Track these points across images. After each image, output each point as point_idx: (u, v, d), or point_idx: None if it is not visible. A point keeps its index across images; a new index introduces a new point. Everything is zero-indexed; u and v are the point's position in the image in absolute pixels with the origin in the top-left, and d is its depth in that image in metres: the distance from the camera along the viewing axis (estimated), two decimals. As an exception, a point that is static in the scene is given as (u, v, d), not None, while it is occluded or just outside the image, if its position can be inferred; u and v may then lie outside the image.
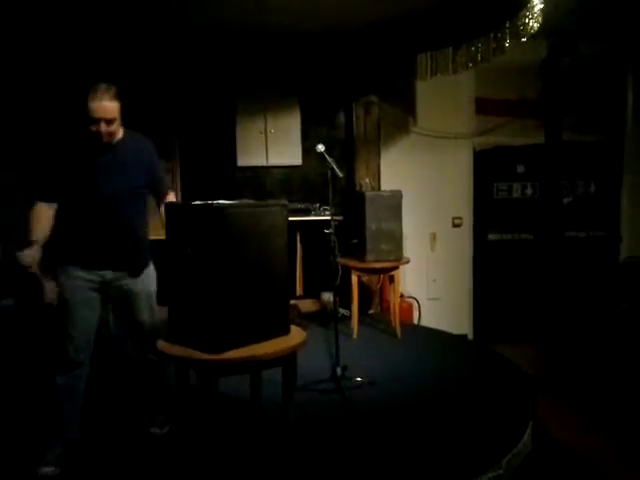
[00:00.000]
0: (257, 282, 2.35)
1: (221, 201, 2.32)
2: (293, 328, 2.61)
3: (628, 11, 4.89)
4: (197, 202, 2.30)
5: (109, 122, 2.53)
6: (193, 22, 4.40)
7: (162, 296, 5.38)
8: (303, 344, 2.54)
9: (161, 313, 4.99)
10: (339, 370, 3.58)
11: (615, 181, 6.04)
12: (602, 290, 5.94)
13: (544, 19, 3.66)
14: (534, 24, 3.64)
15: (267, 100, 5.70)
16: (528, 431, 3.09)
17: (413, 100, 5.85)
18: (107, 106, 2.51)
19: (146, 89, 5.41)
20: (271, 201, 2.56)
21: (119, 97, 2.57)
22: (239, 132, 5.72)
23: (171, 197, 2.87)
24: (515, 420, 3.14)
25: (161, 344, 2.44)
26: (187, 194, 5.70)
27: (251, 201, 2.81)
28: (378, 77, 5.54)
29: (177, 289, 2.42)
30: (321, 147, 3.69)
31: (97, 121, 2.50)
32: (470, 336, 5.96)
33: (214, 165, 5.71)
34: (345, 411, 3.28)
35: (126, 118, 3.03)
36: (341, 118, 5.92)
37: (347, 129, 5.88)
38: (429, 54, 4.74)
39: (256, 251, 2.34)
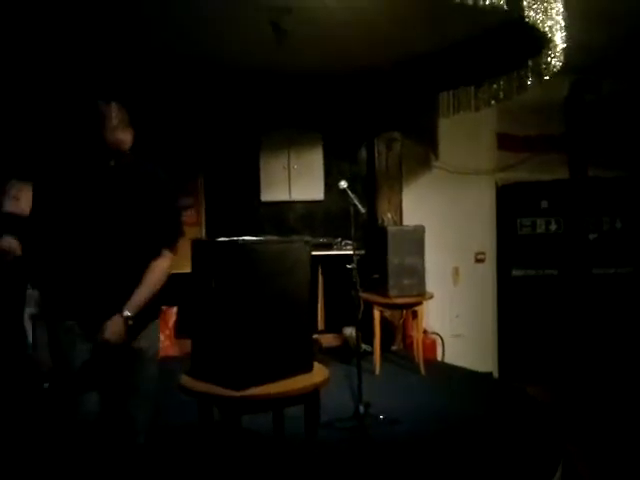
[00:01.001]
0: (281, 318, 2.35)
1: (246, 237, 2.35)
2: (316, 365, 2.59)
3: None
4: (222, 238, 2.33)
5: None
6: (219, 62, 4.53)
7: (185, 329, 5.41)
8: (326, 382, 2.52)
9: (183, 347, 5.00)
10: (362, 408, 3.52)
11: (642, 217, 5.95)
12: (632, 328, 5.79)
13: (566, 57, 3.70)
14: (557, 63, 3.67)
15: (290, 136, 5.81)
16: (558, 474, 2.99)
17: (435, 136, 5.89)
18: (122, 139, 2.26)
19: (172, 125, 5.56)
20: (295, 237, 2.59)
21: (131, 119, 2.30)
22: (263, 168, 5.82)
23: (165, 260, 2.31)
24: (544, 463, 3.04)
25: (184, 379, 2.45)
26: (211, 228, 5.79)
27: (275, 237, 2.85)
28: (400, 114, 5.62)
29: (201, 324, 2.44)
30: (344, 184, 3.73)
31: (110, 153, 2.25)
32: (495, 374, 5.84)
33: (238, 200, 5.80)
34: (368, 450, 3.22)
35: (152, 153, 3.12)
36: (363, 154, 5.99)
37: (369, 165, 5.93)
38: (451, 91, 4.81)
39: (280, 287, 2.36)
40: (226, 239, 2.31)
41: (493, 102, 4.51)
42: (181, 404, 2.95)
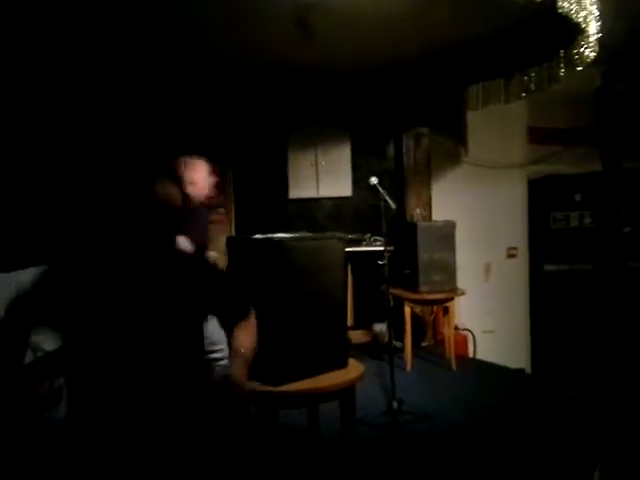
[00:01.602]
0: (316, 315, 2.37)
1: (280, 234, 2.37)
2: (351, 361, 2.60)
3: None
4: (258, 236, 2.36)
5: None
6: (248, 59, 4.55)
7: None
8: (361, 377, 2.53)
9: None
10: (395, 404, 3.52)
11: (679, 209, 5.81)
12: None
13: (599, 46, 3.62)
14: (590, 53, 3.59)
15: (318, 133, 5.81)
16: (597, 474, 2.94)
17: (464, 130, 5.83)
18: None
19: (203, 122, 5.62)
20: (329, 234, 2.60)
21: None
22: (291, 165, 5.85)
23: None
24: (581, 462, 3.00)
25: (221, 375, 2.48)
26: (241, 225, 5.84)
27: (309, 234, 2.85)
28: (428, 108, 5.57)
29: (237, 321, 2.46)
30: (374, 180, 3.72)
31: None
32: (528, 370, 5.76)
33: (267, 197, 5.84)
34: (401, 446, 3.21)
35: (183, 154, 3.15)
36: (391, 149, 5.96)
37: (397, 160, 5.90)
38: (481, 84, 4.74)
39: (315, 284, 2.37)
40: (261, 236, 2.32)
41: (524, 94, 4.43)
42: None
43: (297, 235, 2.41)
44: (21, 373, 1.92)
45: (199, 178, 2.23)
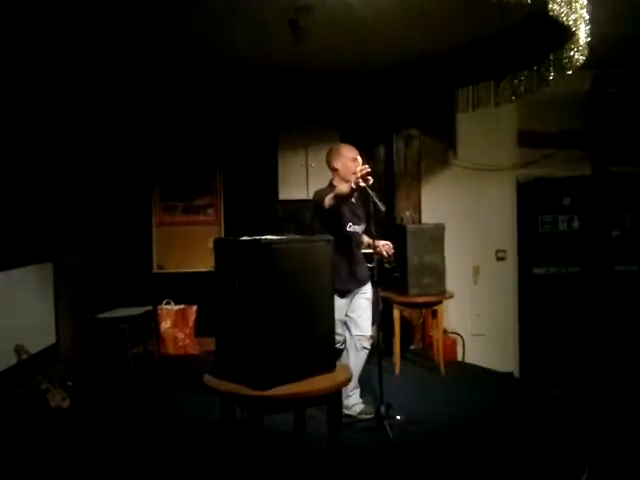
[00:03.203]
0: (304, 318, 2.34)
1: (268, 236, 2.34)
2: (338, 365, 2.58)
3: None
4: (245, 237, 2.32)
5: None
6: (238, 60, 4.52)
7: (205, 327, 5.43)
8: (349, 381, 2.51)
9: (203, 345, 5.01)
10: (383, 408, 3.49)
11: (667, 214, 5.84)
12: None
13: (589, 50, 3.62)
14: (580, 57, 3.59)
15: (308, 134, 5.78)
16: (585, 475, 2.94)
17: (454, 133, 5.84)
18: None
19: (191, 123, 5.59)
20: (317, 236, 2.57)
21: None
22: (281, 166, 5.81)
23: None
24: (569, 466, 2.99)
25: (208, 378, 2.44)
26: (230, 226, 5.80)
27: (297, 236, 2.82)
28: (418, 110, 5.56)
29: (224, 323, 2.43)
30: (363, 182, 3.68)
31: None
32: (516, 374, 5.77)
33: (256, 198, 5.80)
34: (389, 450, 3.19)
35: (172, 153, 3.11)
36: (381, 151, 5.95)
37: (387, 162, 5.89)
38: (471, 87, 4.74)
39: (303, 287, 2.34)
40: (249, 238, 2.29)
41: (514, 98, 4.42)
42: (204, 403, 2.97)
43: (285, 237, 2.38)
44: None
45: None
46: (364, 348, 3.64)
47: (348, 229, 3.58)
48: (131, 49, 4.13)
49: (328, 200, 3.31)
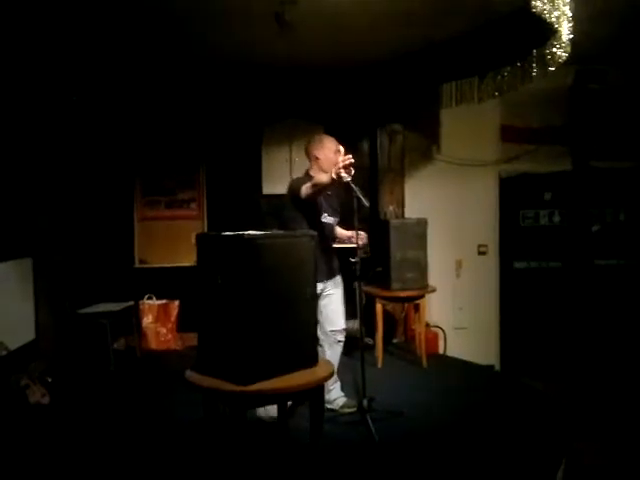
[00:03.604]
0: (286, 314, 2.33)
1: (251, 231, 2.32)
2: (320, 360, 2.58)
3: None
4: (228, 233, 2.31)
5: None
6: (221, 54, 4.49)
7: (188, 323, 5.39)
8: (331, 376, 2.51)
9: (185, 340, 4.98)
10: (365, 402, 3.50)
11: (646, 209, 5.93)
12: (634, 319, 5.78)
13: (572, 46, 3.65)
14: (562, 53, 3.62)
15: (292, 129, 5.76)
16: (562, 467, 2.99)
17: (437, 128, 5.85)
18: None
19: (174, 119, 5.53)
20: (300, 232, 2.57)
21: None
22: (264, 160, 5.78)
23: None
24: (547, 457, 3.04)
25: (190, 374, 2.43)
26: (213, 221, 5.77)
27: (280, 231, 2.81)
28: (402, 106, 5.57)
29: (206, 319, 2.42)
30: (347, 177, 3.66)
31: None
32: (497, 367, 5.84)
33: (240, 193, 5.77)
34: (372, 444, 3.21)
35: (155, 148, 3.05)
36: (365, 146, 5.95)
37: (371, 157, 5.90)
38: (454, 83, 4.76)
39: (285, 282, 2.33)
40: (231, 233, 2.28)
41: (497, 94, 4.46)
42: (186, 399, 2.95)
43: (268, 232, 2.37)
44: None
45: None
46: (339, 342, 3.65)
47: (322, 220, 3.58)
48: (113, 44, 4.08)
49: (305, 189, 3.30)
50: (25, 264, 4.49)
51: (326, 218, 3.62)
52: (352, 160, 3.03)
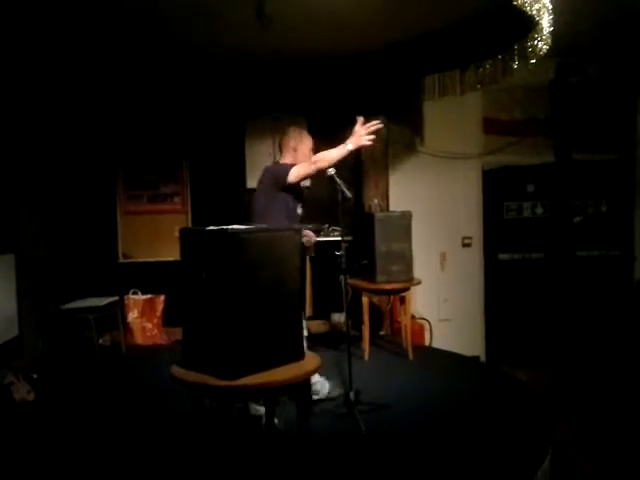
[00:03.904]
0: (272, 307, 2.34)
1: (235, 226, 2.32)
2: (307, 353, 2.59)
3: (638, 31, 4.91)
4: (212, 227, 2.30)
5: None
6: (202, 48, 4.45)
7: (173, 317, 5.36)
8: (318, 370, 2.52)
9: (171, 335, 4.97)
10: (352, 395, 3.53)
11: (627, 200, 6.01)
12: (616, 310, 5.88)
13: (553, 39, 3.68)
14: (543, 46, 3.65)
15: (275, 122, 5.73)
16: (548, 457, 3.03)
17: (421, 120, 5.86)
18: None
19: (156, 112, 5.48)
20: (284, 226, 2.57)
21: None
22: (248, 154, 5.76)
23: None
24: (534, 447, 3.08)
25: (176, 369, 2.42)
26: (197, 216, 5.74)
27: (264, 225, 2.81)
28: (385, 98, 5.57)
29: (191, 313, 2.41)
30: (331, 170, 3.67)
31: None
32: (482, 358, 5.90)
33: (224, 187, 5.74)
34: (358, 436, 3.23)
35: (137, 141, 3.00)
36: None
37: (355, 150, 5.87)
38: (437, 75, 4.77)
39: (271, 276, 2.33)
40: (215, 228, 2.27)
41: (479, 86, 4.49)
42: (172, 394, 2.95)
43: (252, 227, 2.37)
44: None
45: None
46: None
47: (298, 211, 3.62)
48: (94, 38, 4.03)
49: (309, 166, 3.43)
50: (7, 260, 4.43)
51: (299, 209, 3.63)
52: (380, 125, 3.30)
